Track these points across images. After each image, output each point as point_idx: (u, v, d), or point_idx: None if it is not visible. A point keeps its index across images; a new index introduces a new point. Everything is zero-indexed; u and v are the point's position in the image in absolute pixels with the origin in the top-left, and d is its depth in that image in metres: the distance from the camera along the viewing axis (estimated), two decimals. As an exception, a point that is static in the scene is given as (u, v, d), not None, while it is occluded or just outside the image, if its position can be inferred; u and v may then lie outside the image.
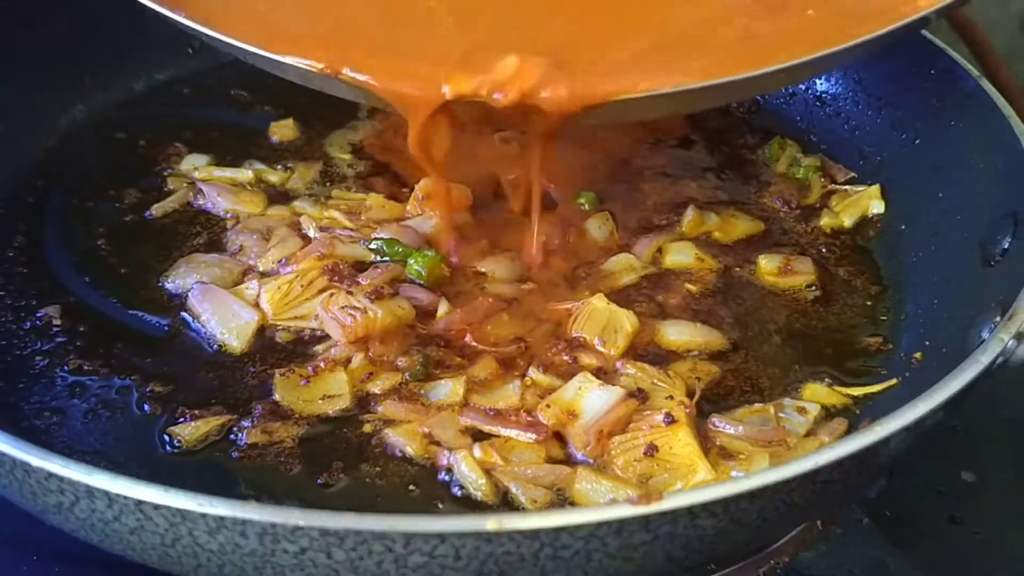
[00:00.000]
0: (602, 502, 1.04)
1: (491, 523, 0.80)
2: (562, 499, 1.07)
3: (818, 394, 1.21)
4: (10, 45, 1.55)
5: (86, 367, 1.21)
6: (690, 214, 1.45)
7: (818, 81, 1.69)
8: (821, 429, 1.16)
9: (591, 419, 1.12)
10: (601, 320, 1.26)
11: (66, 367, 1.21)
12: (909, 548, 1.19)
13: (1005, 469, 1.30)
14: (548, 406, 1.14)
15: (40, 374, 1.21)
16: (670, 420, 1.10)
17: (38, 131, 1.57)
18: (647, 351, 1.25)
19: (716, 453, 1.12)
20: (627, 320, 1.25)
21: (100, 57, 1.66)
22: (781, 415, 1.17)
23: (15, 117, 1.54)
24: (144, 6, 1.25)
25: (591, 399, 1.13)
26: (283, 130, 1.62)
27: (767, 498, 0.86)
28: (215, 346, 1.24)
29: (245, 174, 1.50)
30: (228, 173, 1.51)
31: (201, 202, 1.45)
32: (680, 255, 1.39)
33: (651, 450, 1.08)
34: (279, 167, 1.53)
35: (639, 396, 1.15)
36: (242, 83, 1.70)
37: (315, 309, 1.25)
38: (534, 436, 1.12)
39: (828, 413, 1.19)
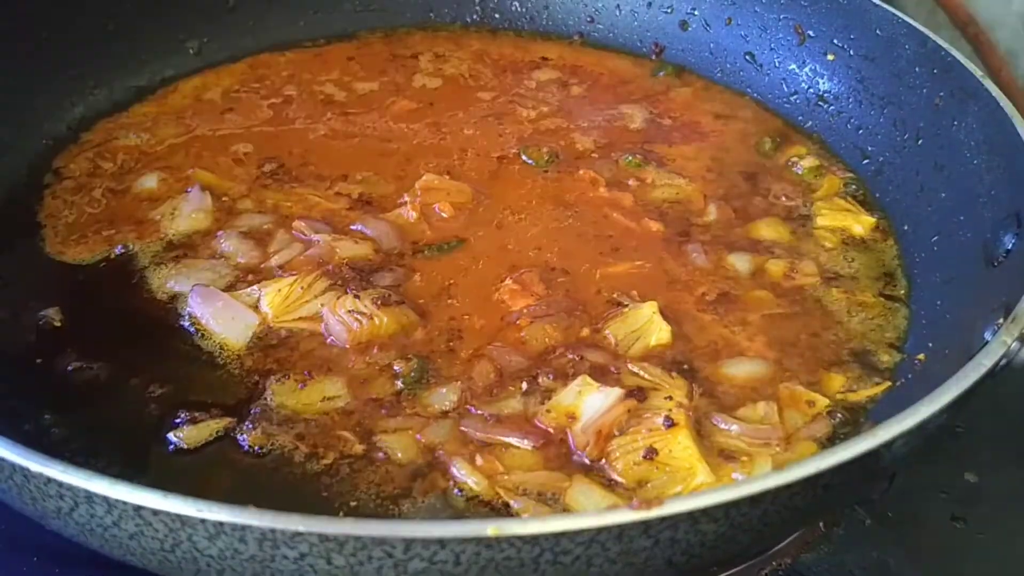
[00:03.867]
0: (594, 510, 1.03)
1: (491, 529, 0.80)
2: (557, 506, 1.06)
3: (828, 388, 1.21)
4: (10, 46, 1.55)
5: (86, 369, 1.21)
6: (713, 211, 1.46)
7: (820, 80, 1.69)
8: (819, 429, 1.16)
9: (590, 420, 1.12)
10: (633, 324, 1.25)
11: (66, 369, 1.21)
12: (912, 549, 1.19)
13: (1008, 470, 1.30)
14: (548, 411, 1.14)
15: (39, 376, 1.21)
16: (670, 423, 1.09)
17: (38, 132, 1.57)
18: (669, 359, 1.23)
19: (717, 454, 1.11)
20: (656, 333, 1.24)
21: (100, 57, 1.66)
22: (784, 408, 1.17)
23: (16, 117, 1.53)
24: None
25: (590, 401, 1.13)
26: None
27: (769, 503, 0.86)
28: (216, 348, 1.24)
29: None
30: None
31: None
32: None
33: (650, 453, 1.08)
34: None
35: (638, 395, 1.15)
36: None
37: (316, 311, 1.25)
38: (531, 443, 1.11)
39: (829, 414, 1.18)
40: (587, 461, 1.10)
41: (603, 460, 1.10)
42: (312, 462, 1.11)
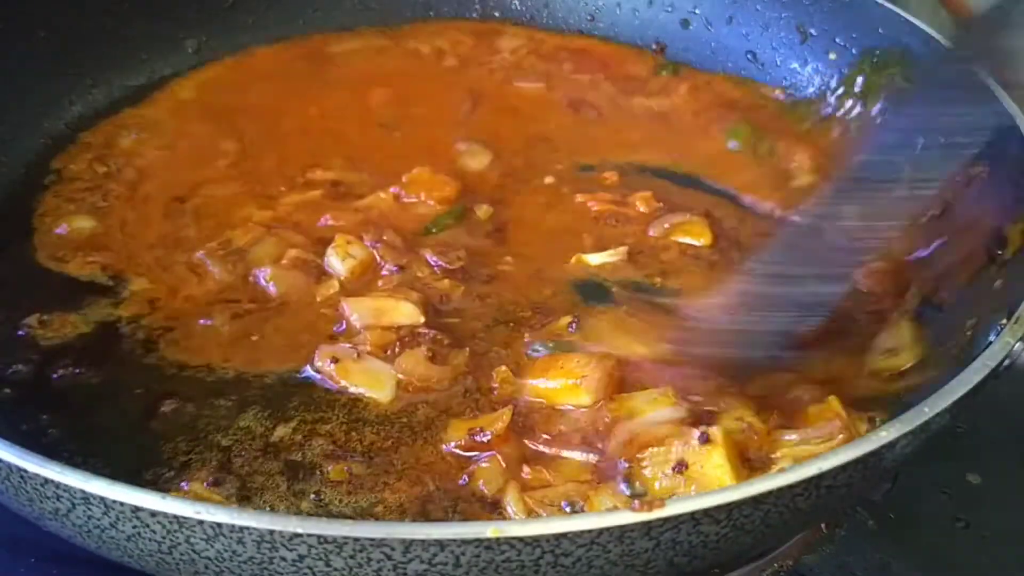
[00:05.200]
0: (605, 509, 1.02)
1: (491, 530, 0.79)
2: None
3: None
4: (9, 46, 1.54)
5: (81, 371, 1.20)
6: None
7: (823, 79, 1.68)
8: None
9: (638, 425, 1.09)
10: None
11: (62, 371, 1.20)
12: (914, 550, 1.18)
13: (1011, 471, 1.29)
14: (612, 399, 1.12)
15: (37, 377, 1.20)
16: (704, 439, 1.04)
17: (37, 131, 1.56)
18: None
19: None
20: None
21: (98, 56, 1.66)
22: None
23: (13, 117, 1.53)
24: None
25: (659, 412, 1.09)
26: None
27: (771, 503, 0.85)
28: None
29: None
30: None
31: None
32: None
33: (680, 466, 1.03)
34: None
35: (706, 419, 1.09)
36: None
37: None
38: (596, 457, 1.08)
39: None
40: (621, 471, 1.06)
41: (633, 463, 1.05)
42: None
